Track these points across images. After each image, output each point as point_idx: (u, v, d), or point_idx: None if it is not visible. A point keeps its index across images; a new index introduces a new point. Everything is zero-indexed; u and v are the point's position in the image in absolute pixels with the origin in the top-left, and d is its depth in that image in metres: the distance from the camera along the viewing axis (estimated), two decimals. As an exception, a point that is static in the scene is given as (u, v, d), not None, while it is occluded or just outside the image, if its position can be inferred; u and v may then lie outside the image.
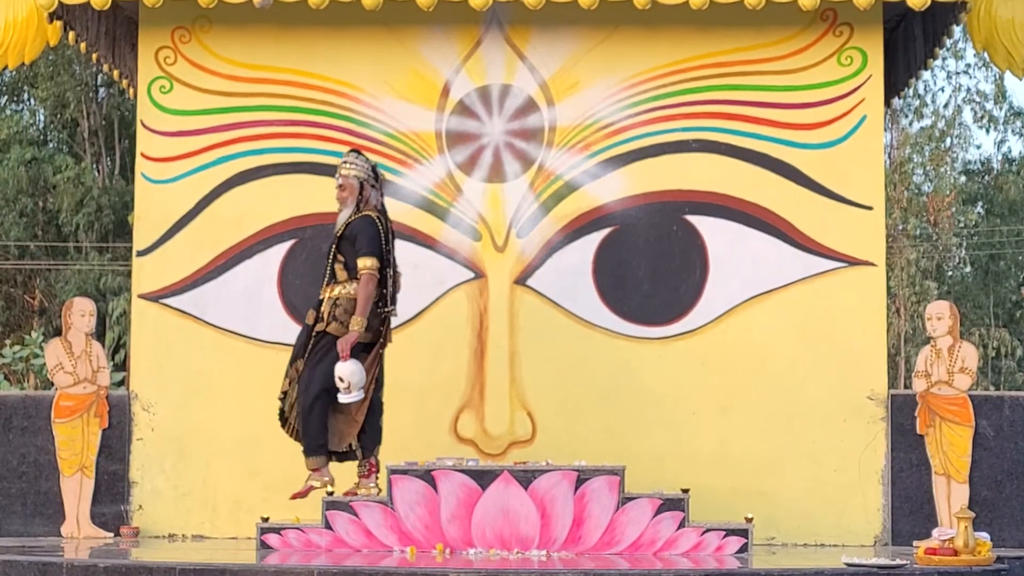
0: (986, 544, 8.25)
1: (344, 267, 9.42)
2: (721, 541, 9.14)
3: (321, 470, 9.39)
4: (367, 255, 9.33)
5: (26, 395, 10.76)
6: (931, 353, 10.35)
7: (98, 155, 32.97)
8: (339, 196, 9.54)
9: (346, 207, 9.52)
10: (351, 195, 9.50)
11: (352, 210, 9.50)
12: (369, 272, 9.30)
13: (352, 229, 9.41)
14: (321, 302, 9.46)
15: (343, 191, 9.53)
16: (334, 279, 9.46)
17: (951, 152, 36.69)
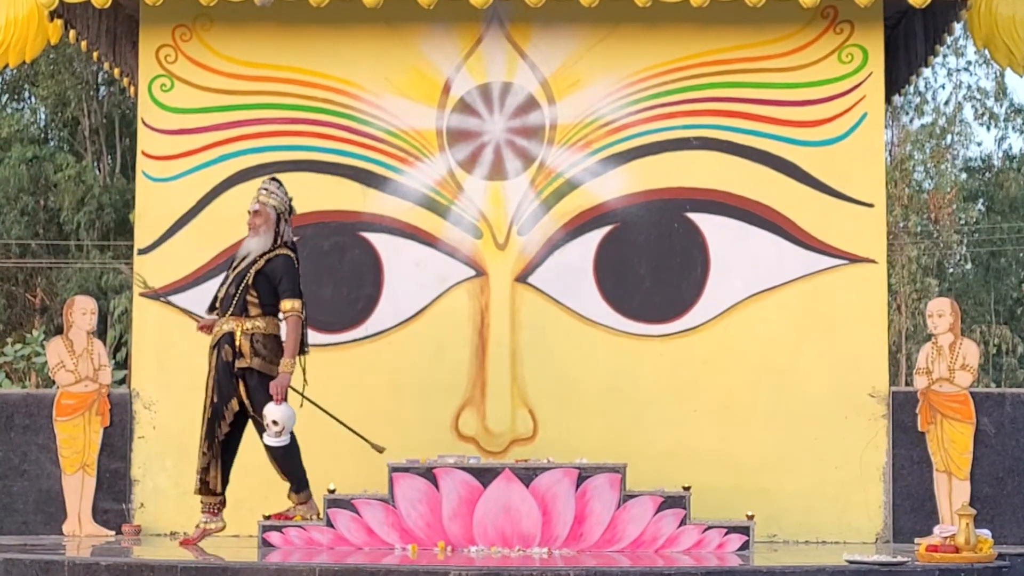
0: (987, 541, 8.25)
1: (258, 302, 9.26)
2: (722, 538, 9.15)
3: (310, 502, 9.35)
4: (294, 297, 9.23)
5: (28, 393, 10.77)
6: (932, 350, 10.35)
7: (99, 153, 32.97)
8: (252, 222, 9.36)
9: (258, 236, 9.35)
10: (266, 224, 9.33)
11: (266, 242, 9.32)
12: (297, 315, 9.21)
13: (274, 268, 9.24)
14: (230, 335, 9.23)
15: (258, 217, 9.35)
16: (245, 312, 9.25)
17: (952, 149, 36.69)
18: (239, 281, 9.28)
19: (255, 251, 9.32)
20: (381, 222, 10.66)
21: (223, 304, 9.34)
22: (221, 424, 9.24)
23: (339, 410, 10.21)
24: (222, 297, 9.37)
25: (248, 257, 9.33)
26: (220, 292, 9.41)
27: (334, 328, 10.57)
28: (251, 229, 9.37)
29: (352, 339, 10.60)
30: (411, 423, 10.36)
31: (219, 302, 9.39)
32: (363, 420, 10.35)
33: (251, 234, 9.37)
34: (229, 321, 9.26)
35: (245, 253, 9.36)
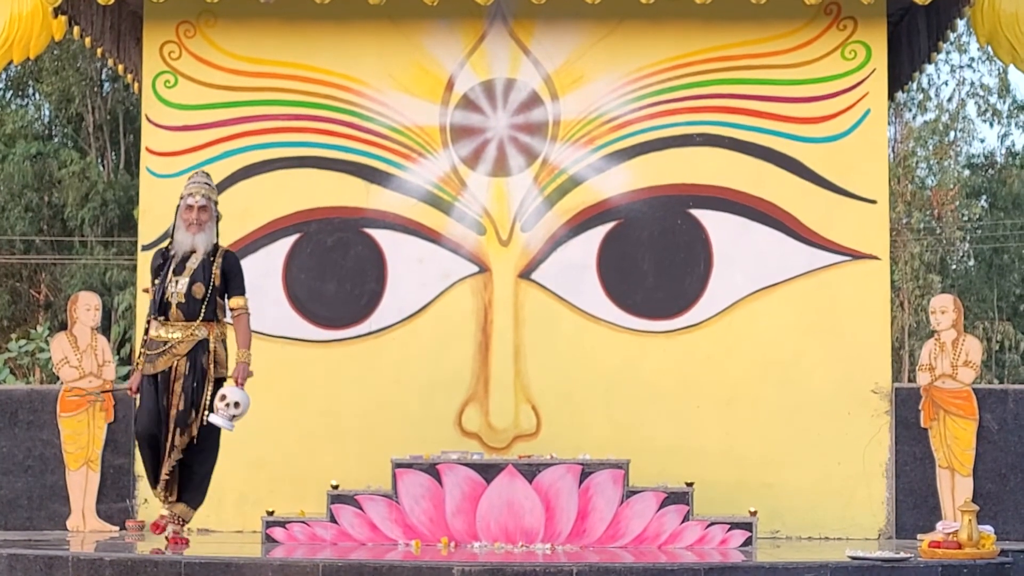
0: (990, 537, 8.25)
1: (223, 305, 9.00)
2: (726, 534, 9.16)
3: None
4: (243, 293, 9.00)
5: (32, 389, 10.78)
6: (935, 347, 10.36)
7: (103, 149, 32.98)
8: (198, 218, 8.95)
9: (203, 232, 8.97)
10: (210, 220, 9.03)
11: (212, 239, 9.01)
12: (248, 312, 8.99)
13: (231, 267, 9.00)
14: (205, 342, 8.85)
15: (204, 213, 8.99)
16: (215, 317, 8.93)
17: (955, 146, 36.63)
18: (207, 283, 8.88)
19: (203, 249, 8.95)
20: (385, 218, 10.67)
21: (187, 308, 8.84)
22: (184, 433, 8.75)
23: (343, 406, 10.26)
24: (182, 302, 8.84)
25: (196, 256, 8.93)
26: (173, 295, 8.85)
27: (338, 324, 10.58)
28: (194, 224, 8.93)
29: (356, 335, 10.60)
30: (414, 419, 10.37)
31: (176, 306, 8.83)
32: (367, 416, 10.38)
33: (193, 229, 8.93)
34: (200, 327, 8.84)
35: (188, 250, 8.94)
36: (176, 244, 8.99)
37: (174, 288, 8.88)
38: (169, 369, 8.81)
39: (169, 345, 8.84)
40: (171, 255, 8.98)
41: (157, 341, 8.87)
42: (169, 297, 8.88)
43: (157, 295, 8.92)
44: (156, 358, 8.85)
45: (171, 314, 8.87)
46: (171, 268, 8.93)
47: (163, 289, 8.88)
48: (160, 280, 8.92)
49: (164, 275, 8.93)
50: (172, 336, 8.85)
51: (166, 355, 8.84)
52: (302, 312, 10.59)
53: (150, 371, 8.84)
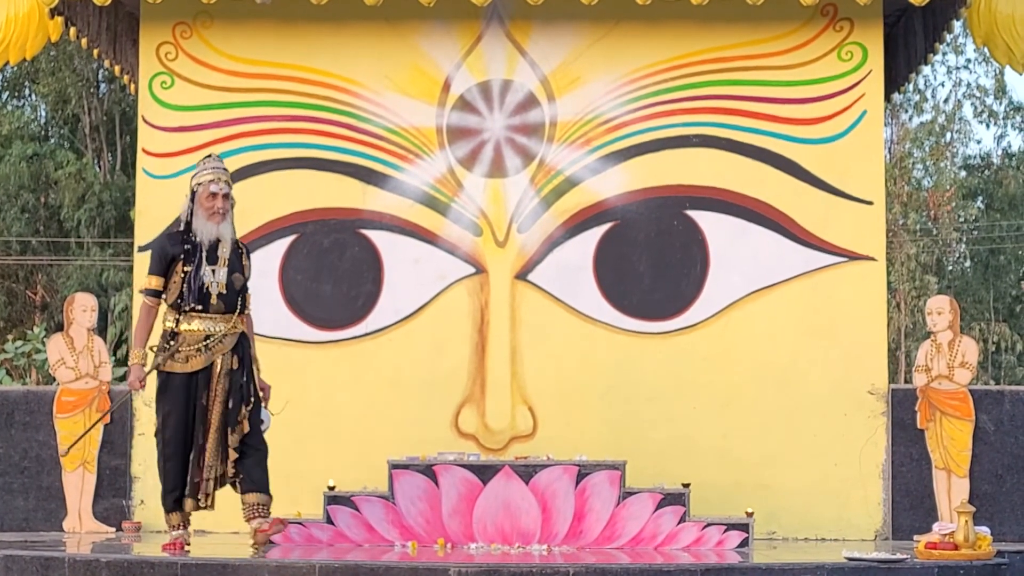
0: (986, 538, 8.25)
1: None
2: (722, 535, 9.16)
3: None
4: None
5: (28, 390, 10.78)
6: (931, 348, 10.36)
7: (99, 150, 32.97)
8: (222, 206, 8.51)
9: (226, 221, 8.53)
10: (231, 209, 8.59)
11: (233, 229, 8.61)
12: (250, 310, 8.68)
13: (250, 262, 8.70)
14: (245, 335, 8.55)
15: (227, 201, 8.55)
16: (243, 310, 8.57)
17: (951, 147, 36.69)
18: (244, 275, 8.56)
19: (230, 238, 8.54)
20: (381, 219, 10.67)
21: (228, 299, 8.46)
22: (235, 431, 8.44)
23: (339, 407, 10.25)
24: (224, 292, 8.45)
25: (224, 245, 8.51)
26: (213, 284, 8.43)
27: (334, 325, 10.58)
28: (217, 213, 8.48)
29: (352, 336, 10.60)
30: (411, 420, 10.37)
31: (217, 297, 8.44)
32: (363, 417, 10.38)
33: (216, 218, 8.48)
34: (239, 320, 8.51)
35: (213, 239, 8.48)
36: (198, 232, 8.48)
37: (213, 278, 8.44)
38: (208, 366, 8.41)
39: (213, 339, 8.44)
40: (196, 242, 8.47)
41: (196, 335, 8.42)
42: (209, 287, 8.42)
43: (193, 285, 8.39)
44: (194, 354, 8.42)
45: (212, 305, 8.43)
46: (203, 256, 8.44)
47: (199, 279, 8.40)
48: (194, 268, 8.40)
49: (197, 263, 8.41)
50: (216, 329, 8.44)
51: (209, 351, 8.43)
52: (298, 313, 10.59)
53: (183, 368, 8.41)
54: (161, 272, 8.51)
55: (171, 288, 8.48)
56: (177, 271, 8.46)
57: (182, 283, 8.42)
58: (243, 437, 8.46)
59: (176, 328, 8.45)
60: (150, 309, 8.56)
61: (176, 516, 8.64)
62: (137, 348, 8.56)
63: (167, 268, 8.49)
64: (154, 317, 8.57)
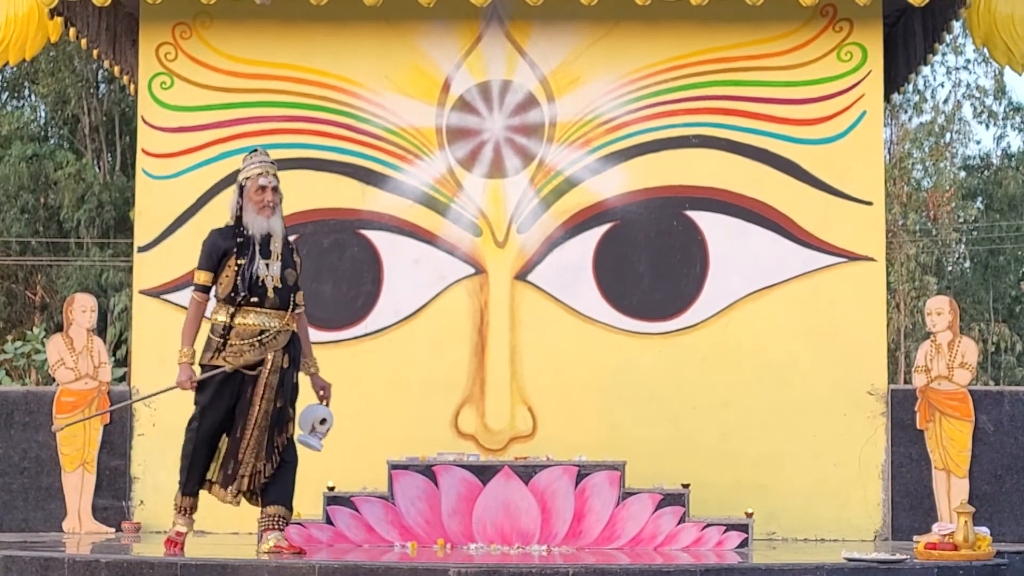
0: (986, 539, 8.25)
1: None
2: (721, 536, 9.16)
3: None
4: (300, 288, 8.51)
5: (28, 391, 10.78)
6: (931, 348, 10.36)
7: (99, 151, 32.97)
8: (273, 200, 8.34)
9: (275, 215, 8.35)
10: (280, 203, 8.43)
11: (282, 222, 8.44)
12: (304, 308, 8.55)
13: (299, 254, 8.54)
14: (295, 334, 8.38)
15: (276, 195, 8.37)
16: (294, 307, 8.41)
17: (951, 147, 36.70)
18: (296, 271, 8.40)
19: (280, 233, 8.36)
20: (380, 220, 10.67)
21: (282, 296, 8.30)
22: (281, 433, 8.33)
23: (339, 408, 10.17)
24: (279, 287, 8.29)
25: (275, 240, 8.32)
26: (268, 279, 8.26)
27: (334, 326, 10.58)
28: (268, 207, 8.31)
29: (351, 336, 10.61)
30: (410, 420, 10.37)
31: (273, 292, 8.26)
32: (363, 417, 10.37)
33: (267, 212, 8.30)
34: (289, 319, 8.33)
35: (264, 233, 8.31)
36: (250, 226, 8.29)
37: (267, 271, 8.27)
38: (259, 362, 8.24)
39: (267, 335, 8.27)
40: (248, 236, 8.28)
41: (250, 330, 8.24)
42: (264, 280, 8.25)
43: (247, 278, 8.20)
44: (246, 349, 8.24)
45: (268, 300, 8.25)
46: (256, 250, 8.25)
47: (254, 271, 8.21)
48: (248, 262, 8.20)
49: (251, 257, 8.22)
50: (270, 325, 8.27)
51: (263, 346, 8.24)
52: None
53: (234, 363, 8.21)
54: (211, 267, 8.31)
55: (223, 282, 8.28)
56: (229, 265, 8.27)
57: (236, 276, 8.23)
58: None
59: (230, 322, 8.26)
60: (199, 305, 8.37)
61: (189, 500, 8.56)
62: (185, 346, 8.37)
63: (218, 263, 8.30)
64: (203, 313, 8.39)
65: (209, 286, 8.35)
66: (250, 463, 8.29)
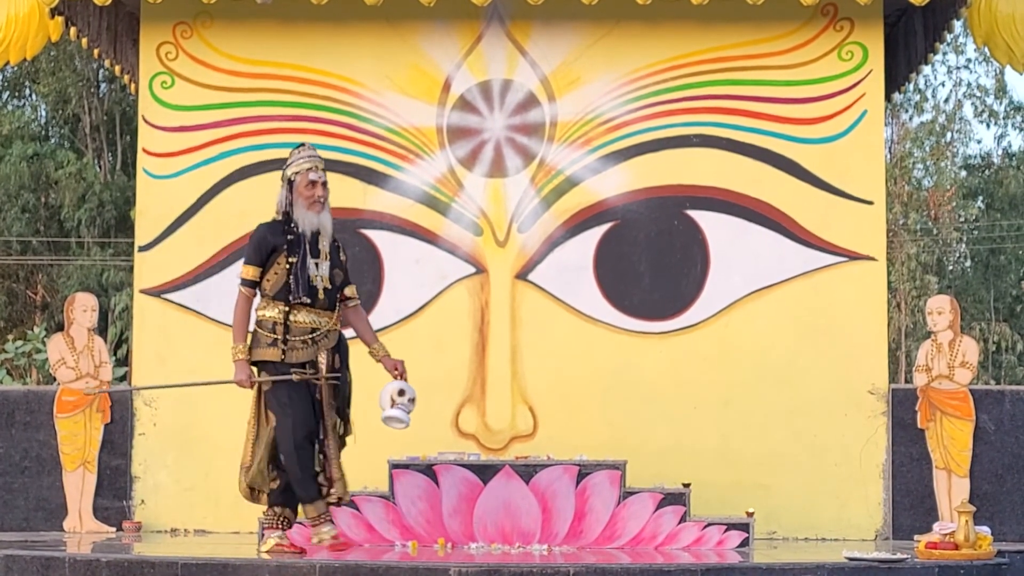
0: (987, 538, 8.25)
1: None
2: (722, 535, 9.17)
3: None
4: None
5: (28, 390, 10.78)
6: (932, 347, 10.36)
7: (100, 150, 32.97)
8: (322, 195, 8.33)
9: (325, 211, 8.36)
10: (328, 199, 8.43)
11: (330, 219, 8.42)
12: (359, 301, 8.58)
13: (345, 252, 8.55)
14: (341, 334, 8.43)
15: (325, 190, 8.36)
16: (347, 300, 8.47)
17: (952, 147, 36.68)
18: (344, 270, 8.41)
19: (329, 230, 8.34)
20: (381, 219, 10.67)
21: (330, 295, 8.31)
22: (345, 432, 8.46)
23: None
24: (328, 287, 8.30)
25: (323, 237, 8.31)
26: (318, 278, 8.25)
27: (334, 325, 10.55)
28: (318, 203, 8.27)
29: (352, 336, 10.58)
30: (411, 420, 10.35)
31: (321, 291, 8.25)
32: (364, 416, 10.35)
33: (316, 208, 8.27)
34: (336, 319, 8.38)
35: (316, 229, 8.29)
36: (300, 222, 8.27)
37: (317, 271, 8.25)
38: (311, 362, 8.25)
39: (318, 333, 8.27)
40: (299, 233, 8.25)
41: (303, 327, 8.22)
42: (315, 280, 8.22)
43: (300, 277, 8.16)
44: (299, 346, 8.21)
45: (319, 300, 8.24)
46: (307, 248, 8.23)
47: (305, 271, 8.18)
48: (300, 260, 8.18)
49: (303, 255, 8.20)
50: (321, 323, 8.27)
51: (315, 344, 8.25)
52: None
53: (291, 360, 8.20)
54: (260, 262, 8.26)
55: (272, 279, 8.24)
56: (279, 262, 8.22)
57: (287, 274, 8.19)
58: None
59: (282, 320, 8.20)
60: (248, 299, 8.31)
61: (320, 506, 8.32)
62: (239, 342, 8.29)
63: (266, 258, 8.25)
64: (251, 307, 8.32)
65: (257, 281, 8.28)
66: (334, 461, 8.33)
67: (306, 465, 8.23)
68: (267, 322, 8.24)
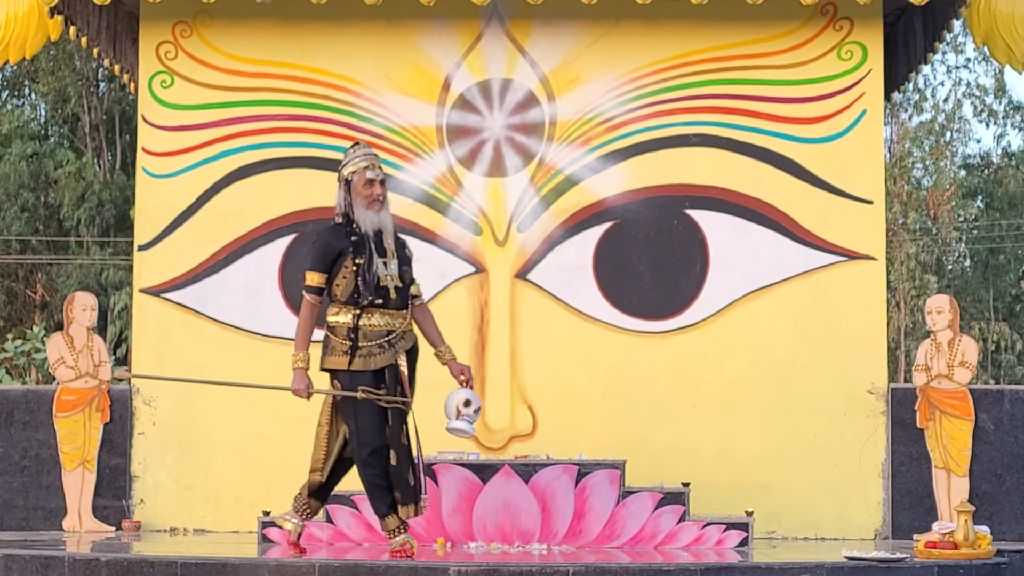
0: (986, 537, 8.25)
1: None
2: (722, 535, 9.17)
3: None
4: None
5: (28, 389, 10.78)
6: (931, 347, 10.36)
7: (99, 150, 32.97)
8: (381, 193, 8.14)
9: (385, 209, 8.16)
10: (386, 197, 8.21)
11: (390, 216, 8.24)
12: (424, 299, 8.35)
13: (408, 248, 8.34)
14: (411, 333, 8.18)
15: (384, 188, 8.17)
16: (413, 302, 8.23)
17: (951, 146, 36.71)
18: (409, 267, 8.23)
19: (390, 228, 8.17)
20: (381, 219, 10.66)
21: (401, 295, 8.11)
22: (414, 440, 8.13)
23: (339, 406, 10.18)
24: (399, 286, 8.11)
25: (387, 236, 8.14)
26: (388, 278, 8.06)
27: (334, 324, 10.54)
28: (377, 202, 8.09)
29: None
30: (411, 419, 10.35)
31: (392, 291, 8.06)
32: (363, 416, 10.36)
33: (376, 207, 8.08)
34: (409, 318, 8.16)
35: (377, 228, 8.12)
36: (361, 223, 8.07)
37: (386, 270, 8.06)
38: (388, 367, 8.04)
39: (394, 336, 8.06)
40: (362, 234, 8.06)
41: (378, 331, 8.02)
42: (385, 281, 8.04)
43: (369, 278, 7.97)
44: (376, 351, 8.02)
45: (391, 300, 8.04)
46: (372, 248, 8.04)
47: (374, 272, 7.99)
48: (367, 261, 7.98)
49: (369, 256, 8.00)
50: (395, 325, 8.07)
51: (392, 347, 8.04)
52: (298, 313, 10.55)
53: (369, 367, 8.00)
54: (325, 268, 8.05)
55: (341, 284, 8.05)
56: (346, 266, 8.02)
57: (355, 277, 7.99)
58: None
59: (356, 324, 8.01)
60: (313, 307, 8.12)
61: (393, 520, 8.04)
62: (301, 351, 8.14)
63: (332, 263, 8.05)
64: (317, 315, 8.14)
65: (323, 288, 8.09)
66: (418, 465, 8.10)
67: (373, 483, 8.03)
68: (340, 328, 8.06)
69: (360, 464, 8.05)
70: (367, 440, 7.99)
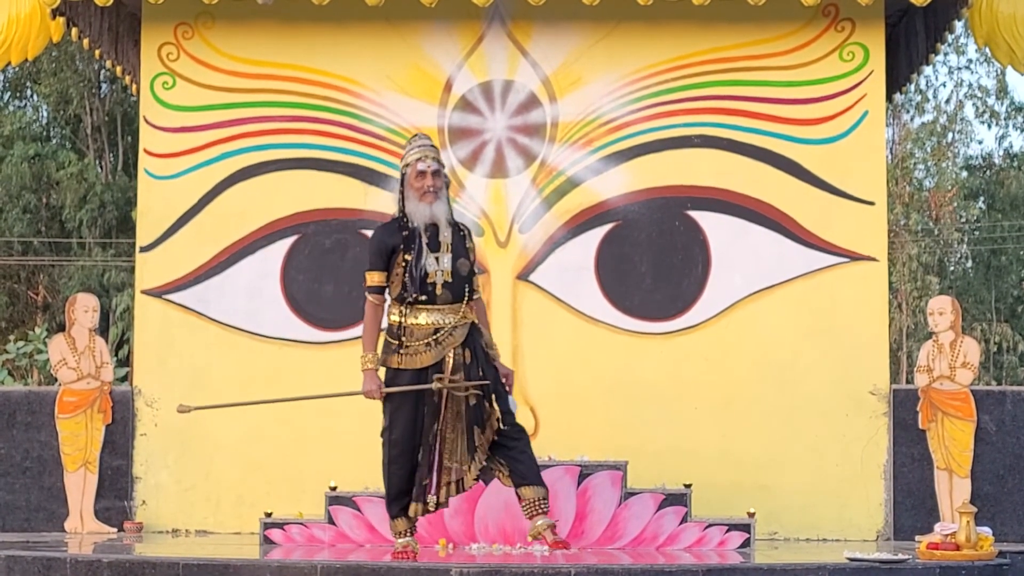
0: (988, 539, 8.25)
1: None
2: (723, 536, 9.17)
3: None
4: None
5: (30, 391, 10.78)
6: (933, 348, 10.36)
7: (101, 151, 32.98)
8: (434, 184, 7.99)
9: (440, 200, 7.98)
10: (444, 187, 8.04)
11: (449, 207, 8.08)
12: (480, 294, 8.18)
13: (473, 241, 8.17)
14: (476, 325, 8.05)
15: (437, 179, 7.99)
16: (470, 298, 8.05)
17: (953, 147, 36.69)
18: (469, 260, 8.05)
19: (445, 219, 7.99)
20: (383, 219, 10.62)
21: (454, 288, 7.95)
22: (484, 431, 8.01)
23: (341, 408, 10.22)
24: (449, 281, 7.94)
25: (441, 228, 7.97)
26: (438, 273, 7.93)
27: (336, 326, 10.56)
28: (429, 193, 7.95)
29: (353, 336, 10.54)
30: (412, 420, 10.35)
31: (443, 286, 7.92)
32: (365, 417, 10.35)
33: (428, 198, 7.94)
34: (467, 309, 7.99)
35: (427, 222, 7.97)
36: (412, 216, 7.97)
37: (437, 266, 7.91)
38: (438, 362, 7.92)
39: (442, 332, 7.92)
40: (412, 228, 7.96)
41: (424, 329, 7.92)
42: (434, 277, 7.89)
43: (415, 274, 7.87)
44: (422, 349, 7.91)
45: (438, 296, 7.91)
46: (423, 243, 7.92)
47: (422, 267, 7.89)
48: (415, 257, 7.88)
49: (418, 251, 7.90)
50: (445, 321, 7.93)
51: (439, 345, 7.91)
52: (300, 314, 10.58)
53: (413, 365, 7.93)
54: (382, 267, 7.99)
55: (394, 280, 7.98)
56: (399, 262, 7.95)
57: (404, 273, 7.91)
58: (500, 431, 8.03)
59: (403, 322, 7.96)
60: (376, 307, 8.04)
61: (402, 522, 8.07)
62: (368, 352, 8.04)
63: (388, 261, 7.97)
64: (381, 315, 8.05)
65: (383, 286, 8.02)
66: (451, 468, 7.98)
67: (391, 483, 8.03)
68: (393, 327, 8.00)
69: (387, 461, 8.05)
70: (398, 439, 7.99)
